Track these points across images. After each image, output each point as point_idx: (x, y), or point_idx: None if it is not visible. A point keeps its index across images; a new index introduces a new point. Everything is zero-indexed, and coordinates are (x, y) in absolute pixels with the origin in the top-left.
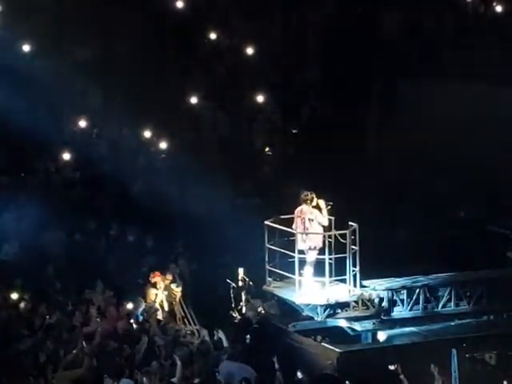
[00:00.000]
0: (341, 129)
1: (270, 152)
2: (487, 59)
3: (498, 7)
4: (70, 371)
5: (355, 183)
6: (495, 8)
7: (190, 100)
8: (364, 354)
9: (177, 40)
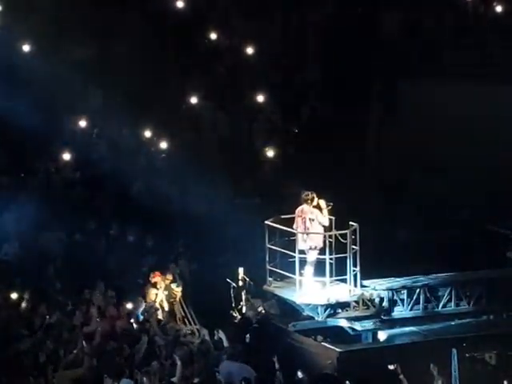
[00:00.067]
0: (341, 129)
1: (270, 153)
2: (487, 59)
3: (498, 7)
4: (71, 371)
5: (355, 183)
6: (495, 8)
7: (190, 100)
8: (364, 354)
9: (177, 40)
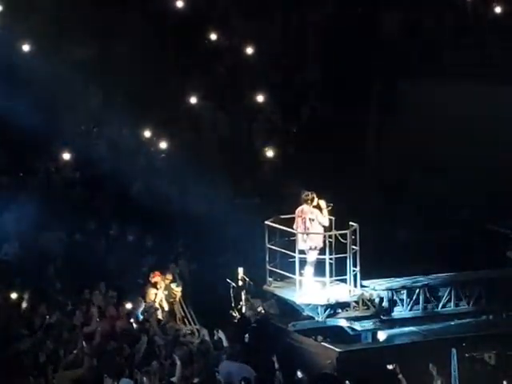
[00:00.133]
0: (341, 129)
1: (270, 153)
2: (487, 59)
3: (498, 8)
4: (71, 371)
5: (355, 183)
6: (495, 9)
7: (190, 100)
8: (364, 354)
9: (177, 40)
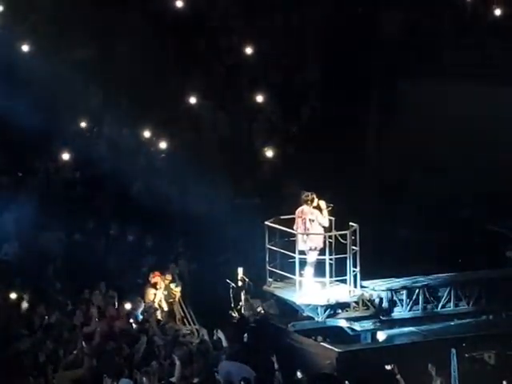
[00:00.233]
0: (341, 129)
1: (270, 153)
2: (487, 59)
3: (497, 10)
4: (71, 371)
5: (355, 183)
6: (494, 10)
7: (190, 100)
8: (363, 354)
9: (177, 40)
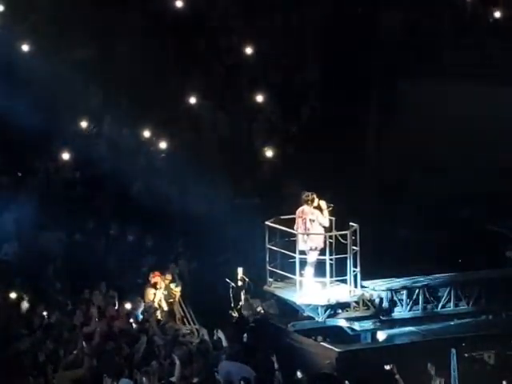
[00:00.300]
0: (341, 129)
1: (270, 153)
2: (487, 59)
3: (497, 12)
4: (71, 371)
5: (355, 183)
6: (494, 11)
7: (190, 100)
8: (363, 354)
9: (177, 40)
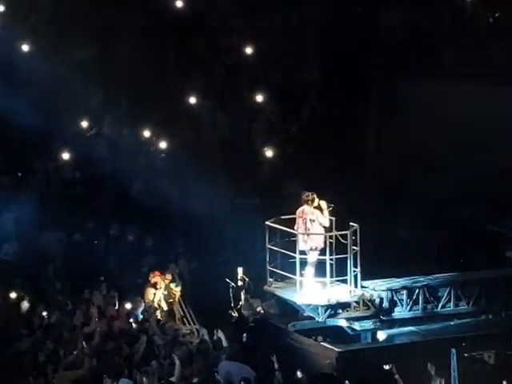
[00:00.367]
0: (341, 129)
1: (270, 153)
2: (487, 59)
3: (497, 9)
4: (71, 371)
5: (355, 183)
6: (494, 11)
7: (190, 100)
8: (363, 354)
9: (177, 40)
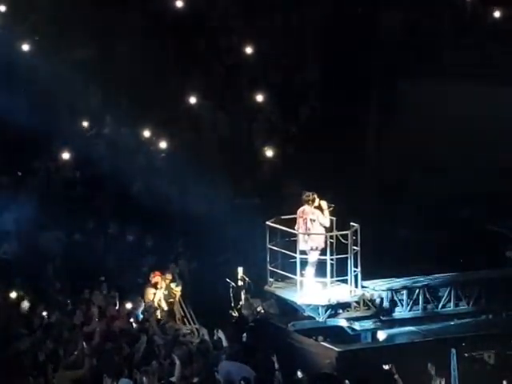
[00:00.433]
0: (340, 129)
1: (270, 153)
2: (487, 59)
3: (497, 12)
4: (71, 371)
5: (355, 183)
6: (494, 11)
7: (190, 100)
8: (363, 354)
9: (177, 40)
